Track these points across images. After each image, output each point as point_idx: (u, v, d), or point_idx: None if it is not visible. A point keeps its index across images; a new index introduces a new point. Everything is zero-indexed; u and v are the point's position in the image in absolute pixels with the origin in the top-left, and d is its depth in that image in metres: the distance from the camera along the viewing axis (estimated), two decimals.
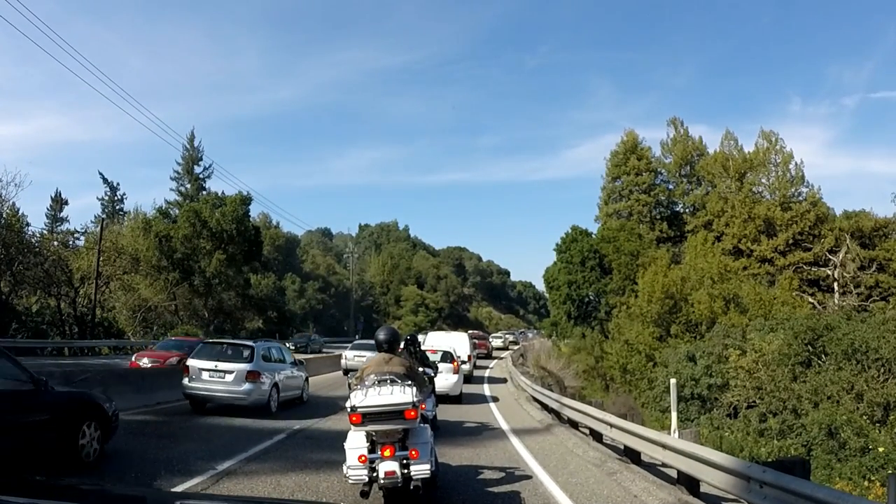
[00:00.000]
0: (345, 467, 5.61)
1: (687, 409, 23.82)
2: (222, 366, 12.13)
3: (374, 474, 5.44)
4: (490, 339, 50.39)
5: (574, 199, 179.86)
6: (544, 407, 15.44)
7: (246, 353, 12.61)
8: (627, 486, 7.36)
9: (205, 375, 12.13)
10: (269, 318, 58.75)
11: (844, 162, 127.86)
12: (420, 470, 5.46)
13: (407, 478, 5.45)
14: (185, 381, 12.25)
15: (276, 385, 12.89)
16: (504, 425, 13.02)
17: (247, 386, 12.05)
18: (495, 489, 7.11)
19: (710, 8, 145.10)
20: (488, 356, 41.84)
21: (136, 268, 39.53)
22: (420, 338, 29.92)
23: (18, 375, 6.64)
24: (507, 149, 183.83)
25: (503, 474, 7.87)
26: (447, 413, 13.60)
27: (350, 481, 5.58)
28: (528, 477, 7.81)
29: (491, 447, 10.18)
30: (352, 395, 5.68)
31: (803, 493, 4.72)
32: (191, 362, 12.45)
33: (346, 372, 21.94)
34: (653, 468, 8.39)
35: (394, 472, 5.39)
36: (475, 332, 50.82)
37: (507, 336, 60.21)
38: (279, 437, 10.06)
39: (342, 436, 5.99)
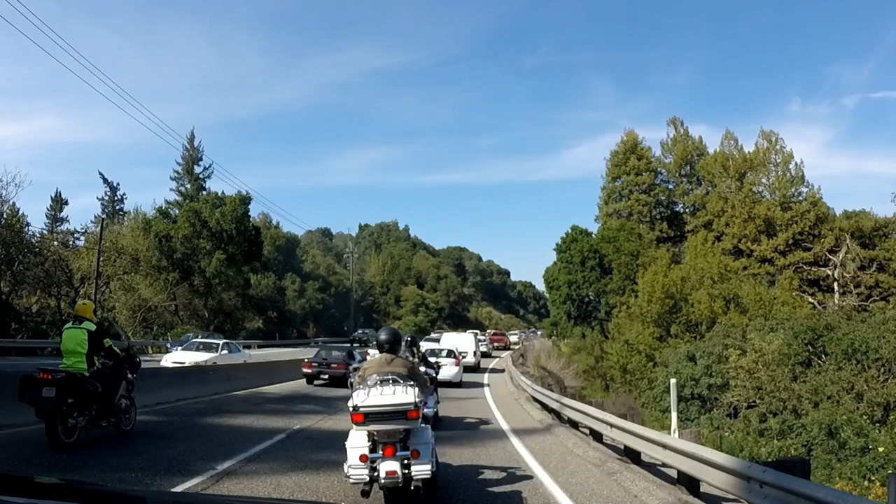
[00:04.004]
0: (346, 466, 5.59)
1: (687, 409, 23.82)
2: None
3: (375, 474, 5.43)
4: (508, 335, 65.67)
5: (574, 199, 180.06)
6: (544, 407, 15.44)
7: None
8: (627, 486, 7.36)
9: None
10: (269, 318, 58.79)
11: (844, 162, 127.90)
12: (421, 470, 5.45)
13: (408, 478, 5.44)
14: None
15: None
16: (504, 425, 13.02)
17: None
18: (495, 489, 7.10)
19: (710, 8, 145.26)
20: (506, 348, 53.78)
21: (136, 268, 39.54)
22: (434, 336, 38.29)
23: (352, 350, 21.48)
24: (507, 149, 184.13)
25: (503, 474, 7.86)
26: (449, 410, 13.89)
27: (351, 480, 5.56)
28: (529, 477, 7.80)
29: (491, 447, 10.17)
30: (354, 394, 5.70)
31: (803, 493, 4.71)
32: (371, 352, 21.60)
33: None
34: (653, 468, 8.39)
35: (395, 472, 5.38)
36: (497, 330, 71.51)
37: (521, 334, 76.28)
38: (279, 437, 10.05)
39: (342, 436, 5.99)
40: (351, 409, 5.52)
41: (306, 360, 20.13)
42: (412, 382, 5.79)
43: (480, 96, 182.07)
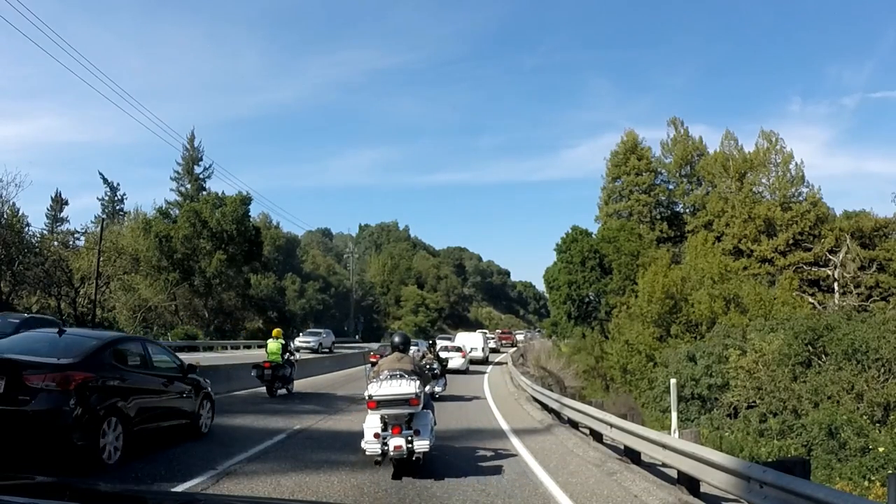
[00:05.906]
0: (363, 442, 7.17)
1: (687, 409, 23.83)
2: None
3: (386, 448, 7.04)
4: (515, 334, 73.16)
5: (574, 199, 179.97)
6: (544, 407, 15.44)
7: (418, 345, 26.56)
8: (627, 486, 7.36)
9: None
10: (270, 318, 58.68)
11: (844, 162, 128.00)
12: (421, 445, 7.12)
13: (411, 451, 7.05)
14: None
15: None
16: (504, 425, 13.01)
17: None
18: (495, 488, 7.10)
19: (710, 8, 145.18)
20: (513, 345, 59.58)
21: (136, 268, 39.50)
22: (449, 335, 48.70)
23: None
24: (507, 149, 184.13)
25: (503, 474, 7.86)
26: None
27: (367, 453, 7.14)
28: (529, 477, 7.80)
29: (491, 447, 10.16)
30: (369, 386, 7.25)
31: (803, 493, 4.71)
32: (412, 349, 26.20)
33: None
34: (653, 468, 8.39)
35: (401, 447, 7.00)
36: (506, 329, 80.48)
37: (526, 333, 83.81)
38: (279, 437, 10.04)
39: (342, 436, 6.05)
40: (367, 397, 7.12)
41: (371, 353, 26.29)
42: (416, 377, 7.32)
43: (481, 96, 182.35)
